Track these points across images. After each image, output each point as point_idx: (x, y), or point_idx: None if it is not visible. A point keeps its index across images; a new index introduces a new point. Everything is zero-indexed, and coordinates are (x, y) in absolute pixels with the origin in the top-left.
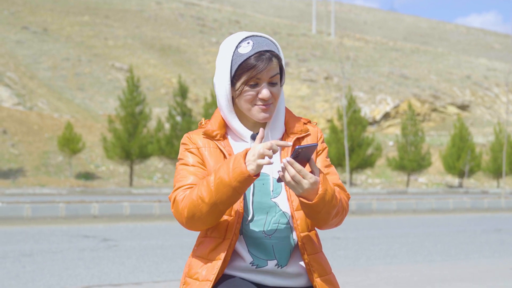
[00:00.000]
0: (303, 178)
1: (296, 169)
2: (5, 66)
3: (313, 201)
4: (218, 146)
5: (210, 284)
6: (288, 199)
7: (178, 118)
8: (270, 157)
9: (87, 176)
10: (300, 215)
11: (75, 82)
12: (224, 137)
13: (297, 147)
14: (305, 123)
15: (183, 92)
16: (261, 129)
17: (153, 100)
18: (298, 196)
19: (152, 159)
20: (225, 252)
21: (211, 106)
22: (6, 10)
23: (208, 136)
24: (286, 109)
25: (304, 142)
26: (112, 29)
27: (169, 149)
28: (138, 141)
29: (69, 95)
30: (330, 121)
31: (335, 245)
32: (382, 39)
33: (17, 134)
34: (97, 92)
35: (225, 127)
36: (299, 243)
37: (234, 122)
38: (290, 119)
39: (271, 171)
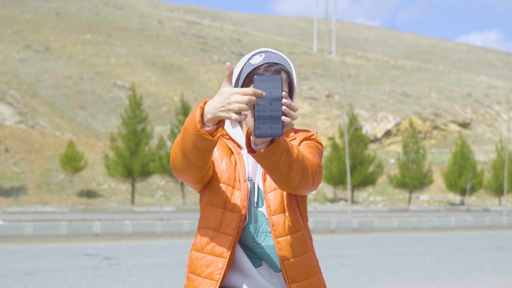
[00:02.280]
0: (291, 108)
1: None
2: (7, 85)
3: (274, 142)
4: (226, 143)
5: (217, 284)
6: (266, 205)
7: None
8: (247, 104)
9: (89, 194)
10: (277, 219)
11: (77, 100)
12: (232, 139)
13: (257, 76)
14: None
15: (185, 110)
16: (227, 64)
17: (155, 118)
18: (258, 145)
19: (154, 177)
20: (229, 248)
21: None
22: (8, 29)
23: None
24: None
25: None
26: (114, 48)
27: (170, 167)
28: (140, 159)
29: (71, 113)
30: (331, 138)
31: (336, 263)
32: (383, 57)
33: (19, 152)
34: (99, 110)
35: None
36: (276, 249)
37: (235, 129)
38: (295, 132)
39: (259, 181)
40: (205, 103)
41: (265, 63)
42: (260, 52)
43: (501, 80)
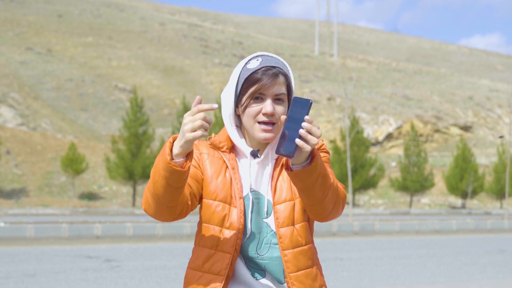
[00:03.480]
0: (311, 133)
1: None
2: (9, 87)
3: (311, 164)
4: (222, 157)
5: None
6: (274, 217)
7: None
8: (203, 127)
9: (90, 196)
10: (284, 232)
11: (79, 103)
12: (230, 150)
13: (300, 98)
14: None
15: (186, 112)
16: (197, 97)
17: (156, 121)
18: (294, 165)
19: None
20: (226, 266)
21: (214, 126)
22: (10, 31)
23: (214, 146)
24: None
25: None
26: (116, 50)
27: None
28: (141, 162)
29: (72, 116)
30: (333, 141)
31: (338, 266)
32: (384, 60)
33: (20, 155)
34: (100, 112)
35: (233, 142)
36: (283, 262)
37: (235, 137)
38: None
39: (266, 192)
40: (174, 139)
41: (262, 67)
42: (257, 56)
43: (503, 83)
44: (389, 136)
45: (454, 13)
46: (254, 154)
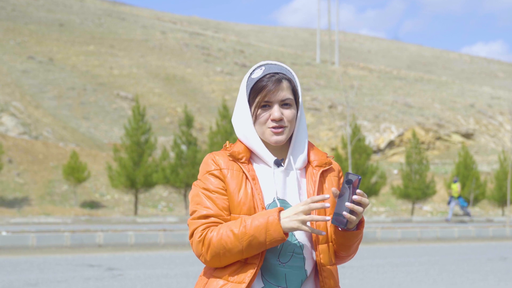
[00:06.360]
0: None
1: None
2: (11, 96)
3: (359, 230)
4: (242, 168)
5: None
6: (313, 236)
7: (184, 147)
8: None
9: (92, 205)
10: (323, 248)
11: (80, 111)
12: (249, 161)
13: (351, 174)
14: (327, 157)
15: (188, 121)
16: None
17: (158, 129)
18: (345, 230)
19: (157, 188)
20: (250, 277)
21: (216, 135)
22: (12, 40)
23: (234, 158)
24: (309, 142)
25: (328, 175)
26: (117, 59)
27: (174, 177)
28: (143, 170)
29: (74, 124)
30: (334, 149)
31: (339, 274)
32: (386, 68)
33: (22, 163)
34: (102, 121)
35: (250, 152)
36: (320, 278)
37: (257, 146)
38: (313, 151)
39: (294, 202)
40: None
41: (266, 74)
42: (260, 66)
43: (504, 90)
44: (390, 144)
45: (456, 21)
46: (278, 163)
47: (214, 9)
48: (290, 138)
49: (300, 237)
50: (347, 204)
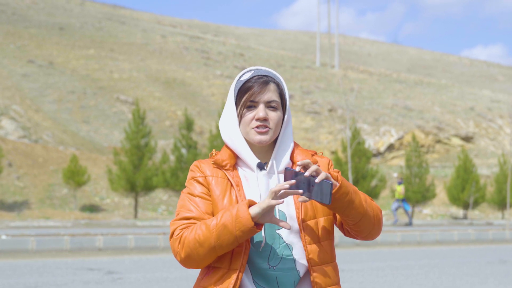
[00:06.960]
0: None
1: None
2: (11, 99)
3: (339, 183)
4: (226, 175)
5: None
6: (301, 237)
7: (184, 151)
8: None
9: (92, 208)
10: (312, 248)
11: (80, 115)
12: (233, 167)
13: (288, 169)
14: (312, 155)
15: (188, 124)
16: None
17: (158, 132)
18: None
19: (157, 191)
20: (233, 284)
21: (216, 138)
22: (12, 44)
23: (218, 165)
24: (295, 143)
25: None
26: (117, 62)
27: (174, 181)
28: (143, 173)
29: (74, 128)
30: (334, 153)
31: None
32: (386, 71)
33: (22, 167)
34: (102, 124)
35: (235, 158)
36: (311, 278)
37: (241, 147)
38: (298, 150)
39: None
40: (249, 204)
41: (254, 76)
42: (249, 70)
43: (504, 94)
44: (390, 147)
45: (456, 24)
46: (261, 166)
47: (214, 13)
48: (275, 142)
49: (288, 238)
50: (302, 179)
